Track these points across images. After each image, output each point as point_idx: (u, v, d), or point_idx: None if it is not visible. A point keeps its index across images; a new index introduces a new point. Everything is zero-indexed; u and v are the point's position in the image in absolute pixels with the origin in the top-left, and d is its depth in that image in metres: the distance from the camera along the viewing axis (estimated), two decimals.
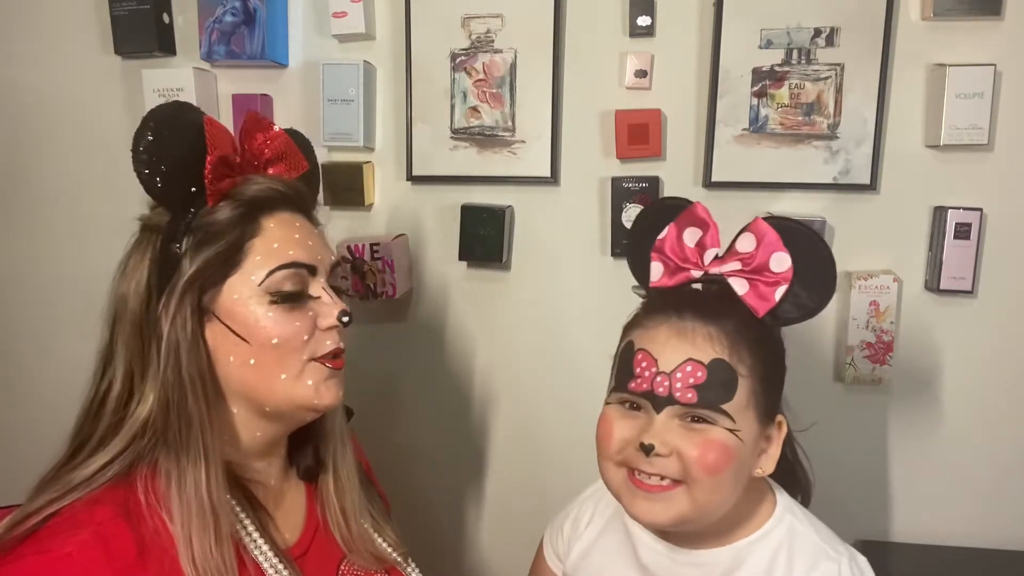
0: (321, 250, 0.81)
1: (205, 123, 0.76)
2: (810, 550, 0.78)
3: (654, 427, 0.74)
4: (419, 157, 1.40)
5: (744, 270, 0.77)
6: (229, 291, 0.75)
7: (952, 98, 1.22)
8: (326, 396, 0.79)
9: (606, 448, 0.78)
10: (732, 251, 0.79)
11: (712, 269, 0.79)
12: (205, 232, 0.75)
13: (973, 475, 1.34)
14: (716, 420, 0.73)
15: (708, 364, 0.73)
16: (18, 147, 1.53)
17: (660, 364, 0.74)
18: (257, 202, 0.77)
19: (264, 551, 0.76)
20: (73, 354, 1.56)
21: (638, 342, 0.77)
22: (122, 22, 1.41)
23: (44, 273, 1.56)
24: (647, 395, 0.75)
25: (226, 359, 0.76)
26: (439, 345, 1.46)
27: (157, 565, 0.69)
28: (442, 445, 1.50)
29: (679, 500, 0.74)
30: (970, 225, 1.26)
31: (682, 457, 0.73)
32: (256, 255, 0.76)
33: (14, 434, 1.60)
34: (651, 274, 0.83)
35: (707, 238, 0.80)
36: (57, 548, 0.65)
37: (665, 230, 0.82)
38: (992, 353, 1.31)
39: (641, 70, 1.32)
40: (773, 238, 0.77)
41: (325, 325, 0.78)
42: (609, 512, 0.92)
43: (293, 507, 0.87)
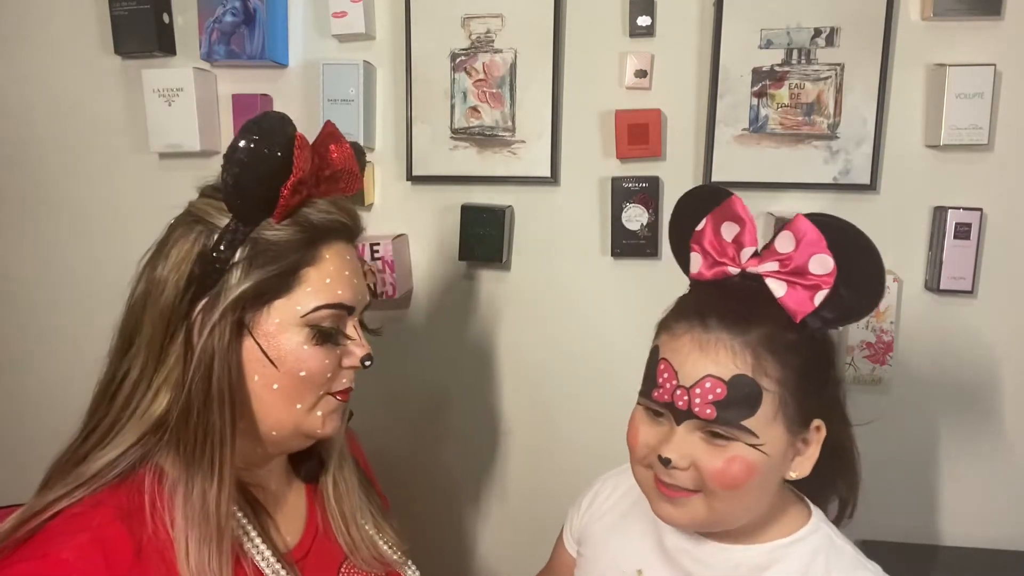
0: (362, 290, 0.81)
1: (296, 140, 0.73)
2: (848, 561, 0.78)
3: (673, 440, 0.73)
4: (419, 157, 1.40)
5: (782, 271, 0.73)
6: (272, 314, 0.74)
7: (952, 98, 1.22)
8: (329, 426, 0.80)
9: (633, 450, 0.78)
10: (770, 250, 0.74)
11: (749, 268, 0.75)
12: (264, 249, 0.73)
13: (972, 475, 1.34)
14: (737, 436, 0.71)
15: (728, 381, 0.70)
16: (18, 147, 1.53)
17: (680, 378, 0.72)
18: (319, 230, 0.76)
19: (265, 555, 0.76)
20: (74, 354, 1.57)
21: (663, 349, 0.75)
22: (122, 22, 1.41)
23: (44, 272, 1.56)
24: (668, 406, 0.74)
25: (251, 377, 0.75)
26: (439, 345, 1.46)
27: (154, 569, 0.68)
28: (442, 445, 1.50)
29: (697, 506, 0.74)
30: (970, 225, 1.26)
31: (700, 471, 0.72)
32: (308, 286, 0.75)
33: (12, 434, 1.60)
34: (691, 264, 0.80)
35: (744, 235, 0.76)
36: (54, 553, 0.65)
37: (703, 222, 0.78)
38: (992, 353, 1.31)
39: (641, 70, 1.32)
40: (814, 238, 0.72)
41: (348, 364, 0.79)
42: (635, 495, 0.89)
43: (294, 510, 0.87)
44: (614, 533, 0.90)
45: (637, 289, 1.39)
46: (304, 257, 0.75)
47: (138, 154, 1.47)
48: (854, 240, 0.72)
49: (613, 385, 1.42)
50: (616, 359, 1.40)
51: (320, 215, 0.77)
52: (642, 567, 0.84)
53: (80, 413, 0.77)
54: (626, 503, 0.92)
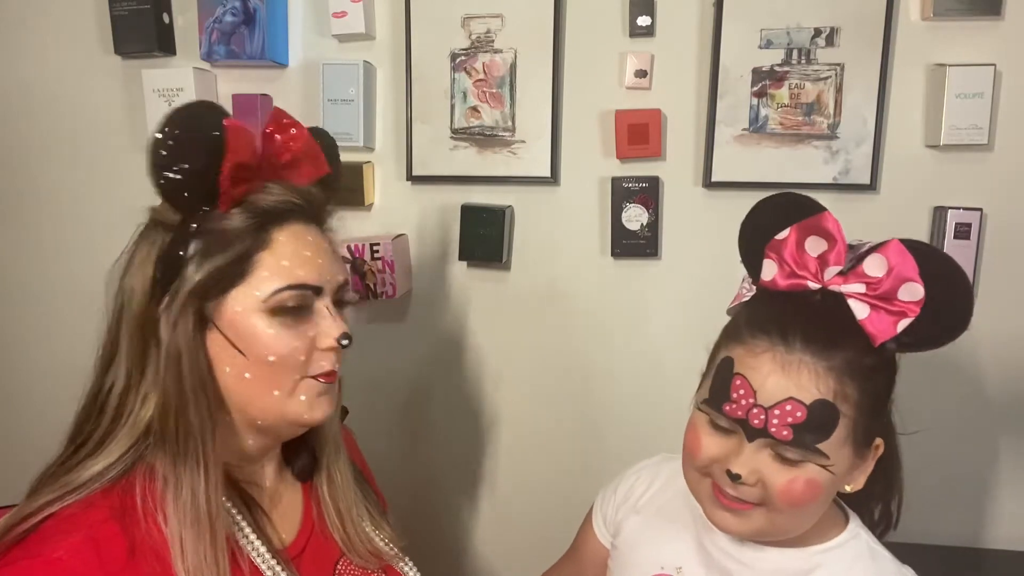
0: (330, 268, 0.79)
1: (226, 126, 0.73)
2: (886, 567, 0.79)
3: (743, 455, 0.72)
4: (419, 157, 1.40)
5: (868, 294, 0.70)
6: (232, 303, 0.74)
7: (952, 98, 1.22)
8: (317, 411, 0.78)
9: (694, 459, 0.76)
10: (858, 271, 0.71)
11: (832, 286, 0.72)
12: (214, 239, 0.73)
13: (972, 475, 1.35)
14: (809, 458, 0.70)
15: (810, 405, 0.69)
16: (18, 147, 1.53)
17: (759, 397, 0.70)
18: (270, 214, 0.76)
19: (261, 552, 0.76)
20: (74, 354, 1.56)
21: (738, 364, 0.72)
22: (122, 22, 1.40)
23: (45, 272, 1.56)
24: (741, 422, 0.72)
25: (223, 369, 0.75)
26: (439, 345, 1.46)
27: (149, 568, 0.68)
28: (441, 445, 1.50)
29: (758, 518, 0.74)
30: (970, 225, 1.26)
31: (767, 488, 0.71)
32: (264, 270, 0.74)
33: (12, 433, 1.60)
34: (763, 271, 0.76)
35: (831, 254, 0.72)
36: (48, 552, 0.65)
37: (786, 231, 0.74)
38: (992, 353, 1.31)
39: (641, 70, 1.32)
40: (909, 266, 0.69)
41: (324, 346, 0.77)
42: (672, 490, 0.89)
43: (289, 507, 0.86)
44: (652, 529, 0.89)
45: (637, 289, 1.39)
46: (256, 242, 0.74)
47: (138, 154, 1.44)
48: (949, 273, 0.70)
49: (613, 385, 1.42)
50: (616, 359, 1.40)
51: (270, 198, 0.76)
52: (682, 565, 0.83)
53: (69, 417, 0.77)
54: (663, 498, 0.90)
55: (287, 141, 0.80)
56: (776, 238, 0.75)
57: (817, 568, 0.77)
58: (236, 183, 0.73)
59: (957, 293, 0.70)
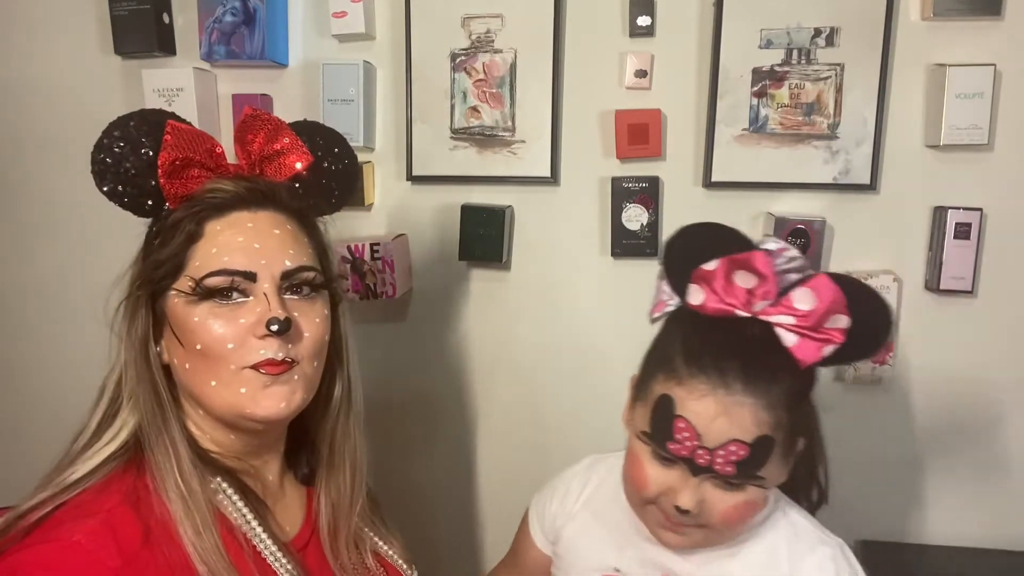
0: (269, 254, 0.76)
1: (167, 126, 0.76)
2: (808, 536, 0.83)
3: (688, 489, 0.75)
4: (419, 157, 1.40)
5: (798, 326, 0.72)
6: (172, 294, 0.76)
7: (952, 98, 1.22)
8: (263, 405, 0.75)
9: (640, 493, 0.79)
10: (785, 303, 0.73)
11: (761, 316, 0.73)
12: (163, 235, 0.77)
13: (972, 475, 1.34)
14: (749, 483, 0.75)
15: (752, 443, 0.72)
16: (18, 147, 1.53)
17: (703, 440, 0.73)
18: (207, 206, 0.76)
19: (264, 540, 0.77)
20: (74, 354, 1.56)
21: (680, 406, 0.74)
22: (122, 22, 1.40)
23: (44, 273, 1.56)
24: (686, 460, 0.75)
25: (171, 361, 0.78)
26: (439, 345, 1.46)
27: (164, 548, 0.70)
28: (441, 445, 1.50)
29: (699, 535, 0.79)
30: (970, 225, 1.26)
31: (708, 513, 0.76)
32: (196, 260, 0.75)
33: (16, 435, 1.60)
34: (690, 295, 0.77)
35: (760, 290, 0.73)
36: (66, 536, 0.66)
37: (715, 263, 0.75)
38: (992, 353, 1.31)
39: (641, 70, 1.32)
40: (836, 300, 0.71)
41: (256, 333, 0.74)
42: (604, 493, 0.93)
43: (293, 505, 0.87)
44: (588, 534, 0.92)
45: (637, 289, 1.38)
46: (192, 234, 0.76)
47: None
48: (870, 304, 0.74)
49: (612, 385, 1.42)
50: (616, 359, 1.40)
51: (208, 191, 0.77)
52: (620, 566, 0.86)
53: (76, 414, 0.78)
54: (598, 501, 0.93)
55: (256, 137, 0.81)
56: (703, 267, 0.75)
57: (744, 545, 0.83)
58: (171, 179, 0.76)
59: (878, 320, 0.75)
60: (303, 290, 0.78)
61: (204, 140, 0.79)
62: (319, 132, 0.91)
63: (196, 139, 0.78)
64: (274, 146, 0.82)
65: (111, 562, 0.66)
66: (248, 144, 0.81)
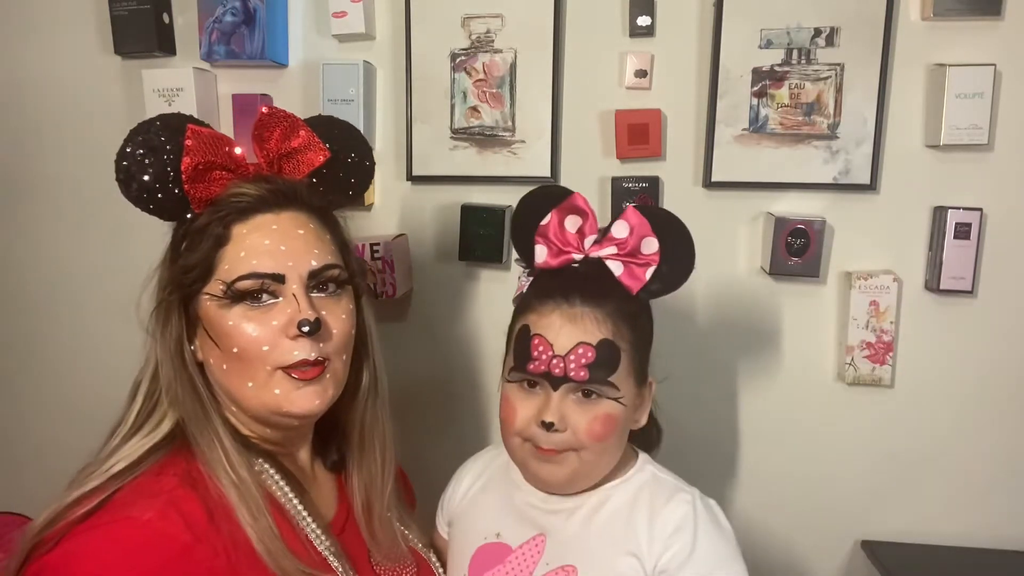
0: (295, 255, 0.78)
1: (188, 130, 0.77)
2: (667, 488, 0.90)
3: (552, 405, 0.84)
4: (419, 157, 1.40)
5: (619, 254, 0.86)
6: (204, 297, 0.77)
7: (952, 98, 1.22)
8: (299, 404, 0.78)
9: (511, 426, 0.87)
10: (608, 237, 0.87)
11: (592, 253, 0.87)
12: (191, 240, 0.78)
13: (973, 475, 1.34)
14: (604, 392, 0.84)
15: (596, 345, 0.83)
16: (18, 147, 1.53)
17: (556, 348, 0.83)
18: (233, 210, 0.78)
19: (309, 522, 0.80)
20: (73, 354, 1.56)
21: (534, 327, 0.86)
22: (122, 22, 1.40)
23: (44, 273, 1.56)
24: (545, 375, 0.84)
25: (208, 362, 0.80)
26: (439, 345, 1.46)
27: (226, 528, 0.72)
28: (441, 445, 1.50)
29: (572, 461, 0.86)
30: (970, 225, 1.26)
31: (576, 431, 0.84)
32: (225, 264, 0.77)
33: (17, 433, 1.60)
34: (535, 255, 0.90)
35: (586, 226, 0.88)
36: (136, 515, 0.68)
37: (548, 216, 0.89)
38: (992, 353, 1.31)
39: (641, 70, 1.32)
40: (643, 224, 0.86)
41: (288, 333, 0.76)
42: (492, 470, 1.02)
43: (327, 491, 0.90)
44: (475, 506, 0.99)
45: None
46: (219, 238, 0.77)
47: None
48: (673, 226, 0.88)
49: None
50: None
51: (231, 195, 0.79)
52: (500, 529, 0.93)
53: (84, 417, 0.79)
54: (484, 479, 1.02)
55: (274, 136, 0.82)
56: (542, 224, 0.89)
57: (608, 500, 0.90)
58: (195, 183, 0.77)
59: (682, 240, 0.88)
60: (329, 287, 0.81)
61: (223, 142, 0.80)
62: (335, 126, 0.92)
63: (216, 142, 0.79)
64: (291, 143, 0.83)
65: (183, 537, 0.68)
66: (265, 142, 0.82)
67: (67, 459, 0.77)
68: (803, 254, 1.27)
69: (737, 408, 1.38)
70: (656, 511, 0.87)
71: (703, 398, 1.38)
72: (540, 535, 0.90)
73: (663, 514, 0.86)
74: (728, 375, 1.38)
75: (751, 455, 1.40)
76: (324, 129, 0.88)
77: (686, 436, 1.36)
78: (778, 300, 1.35)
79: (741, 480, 1.40)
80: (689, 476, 0.94)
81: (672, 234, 0.87)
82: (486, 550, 0.92)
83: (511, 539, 0.91)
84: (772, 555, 1.40)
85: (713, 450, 1.40)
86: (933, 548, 1.34)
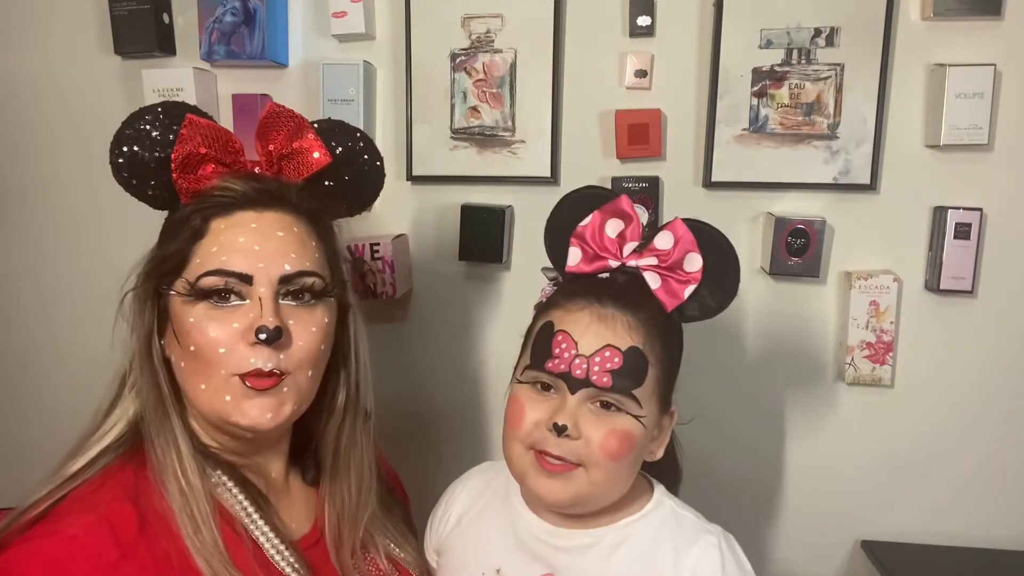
0: (269, 256, 0.74)
1: (185, 120, 0.75)
2: (690, 527, 0.83)
3: (567, 408, 0.76)
4: (419, 157, 1.40)
5: (659, 266, 0.81)
6: (173, 292, 0.75)
7: (952, 98, 1.22)
8: (249, 415, 0.73)
9: (516, 429, 0.79)
10: (650, 247, 0.82)
11: (629, 262, 0.82)
12: (172, 229, 0.77)
13: (973, 475, 1.34)
14: (625, 406, 0.77)
15: (625, 351, 0.76)
16: (18, 147, 1.53)
17: (580, 347, 0.77)
18: (212, 203, 0.75)
19: (267, 534, 0.77)
20: (71, 355, 1.56)
21: (559, 323, 0.79)
22: (122, 22, 1.40)
23: (43, 273, 1.56)
24: (564, 376, 0.77)
25: (170, 356, 0.77)
26: (439, 345, 1.46)
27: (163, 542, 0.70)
28: (441, 445, 1.50)
29: (579, 479, 0.77)
30: (970, 225, 1.26)
31: (588, 443, 0.76)
32: (197, 258, 0.74)
33: (20, 434, 1.60)
34: (568, 258, 0.84)
35: (628, 231, 0.82)
36: (64, 530, 0.67)
37: (589, 217, 0.83)
38: (992, 353, 1.31)
39: (641, 70, 1.32)
40: (689, 239, 0.80)
41: (249, 340, 0.72)
42: (489, 493, 0.92)
43: (300, 503, 0.86)
44: (471, 535, 0.91)
45: None
46: (196, 231, 0.75)
47: None
48: (721, 246, 0.82)
49: None
50: None
51: (216, 188, 0.76)
52: (501, 565, 0.84)
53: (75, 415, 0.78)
54: (481, 503, 0.93)
55: (274, 134, 0.80)
56: (581, 224, 0.83)
57: (627, 539, 0.82)
58: (184, 173, 0.75)
59: (729, 263, 0.83)
60: (304, 296, 0.76)
61: (221, 135, 0.77)
62: (345, 132, 0.88)
63: (213, 134, 0.76)
64: (294, 144, 0.80)
65: (108, 555, 0.66)
66: (269, 141, 0.80)
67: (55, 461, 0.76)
68: (803, 254, 1.27)
69: (737, 408, 1.38)
70: (682, 554, 0.80)
71: (702, 398, 1.38)
72: (548, 575, 0.82)
73: (690, 559, 0.79)
74: (728, 375, 1.38)
75: (751, 455, 1.40)
76: (332, 135, 0.85)
77: (684, 435, 1.37)
78: (778, 300, 1.35)
79: (741, 480, 1.40)
80: (689, 475, 0.93)
81: (719, 254, 0.82)
82: None
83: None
84: (772, 554, 1.40)
85: (712, 450, 1.40)
86: (933, 548, 1.34)
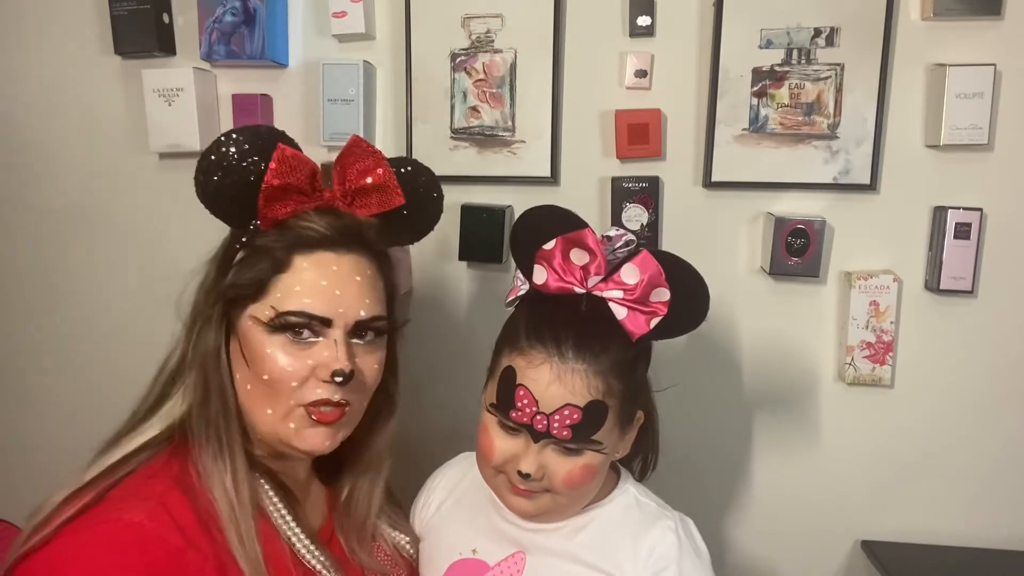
0: (348, 301, 0.79)
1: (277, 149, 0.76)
2: (651, 512, 0.90)
3: (530, 455, 0.82)
4: (419, 157, 1.38)
5: (626, 299, 0.81)
6: (248, 315, 0.78)
7: (952, 98, 1.22)
8: (309, 441, 0.79)
9: (488, 459, 0.86)
10: (615, 278, 0.82)
11: (595, 292, 0.82)
12: (251, 253, 0.79)
13: (973, 475, 1.34)
14: (586, 447, 0.82)
15: (584, 407, 0.79)
16: (18, 147, 1.53)
17: (540, 405, 0.80)
18: (300, 238, 0.78)
19: (297, 533, 0.80)
20: (72, 356, 1.56)
21: (520, 375, 0.81)
22: (122, 22, 1.40)
23: (43, 273, 1.55)
24: (526, 427, 0.81)
25: (236, 375, 0.80)
26: (439, 345, 1.46)
27: (213, 536, 0.72)
28: (441, 446, 1.49)
29: (545, 500, 0.85)
30: (970, 225, 1.26)
31: (553, 475, 0.82)
32: (278, 291, 0.77)
33: (25, 440, 1.60)
34: (535, 275, 0.86)
35: (592, 266, 0.82)
36: (127, 516, 0.68)
37: (552, 243, 0.83)
38: (992, 353, 1.31)
39: (641, 70, 1.32)
40: (657, 273, 0.81)
41: (320, 376, 0.77)
42: (468, 481, 0.99)
43: (318, 498, 0.91)
44: (450, 519, 0.97)
45: None
46: (279, 263, 0.78)
47: (138, 154, 1.47)
48: (688, 280, 0.83)
49: None
50: None
51: (300, 224, 0.79)
52: (476, 546, 0.91)
53: (81, 420, 0.79)
54: (460, 490, 1.00)
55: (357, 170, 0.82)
56: (544, 247, 0.84)
57: (592, 522, 0.89)
58: (269, 204, 0.77)
59: (697, 295, 0.84)
60: (367, 335, 0.82)
61: (305, 165, 0.79)
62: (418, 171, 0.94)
63: (299, 165, 0.78)
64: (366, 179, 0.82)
65: (173, 540, 0.68)
66: (347, 172, 0.82)
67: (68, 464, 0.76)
68: (803, 254, 1.27)
69: (736, 408, 1.38)
70: (640, 536, 0.86)
71: (702, 398, 1.38)
72: (519, 552, 0.89)
73: (647, 540, 0.86)
74: (728, 375, 1.38)
75: (750, 455, 1.40)
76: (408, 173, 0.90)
77: (685, 435, 1.37)
78: (778, 300, 1.35)
79: (741, 480, 1.40)
80: (689, 475, 0.94)
81: (686, 286, 0.83)
82: (461, 566, 0.91)
83: (488, 555, 0.90)
84: (772, 554, 1.40)
85: (712, 450, 1.40)
86: (933, 548, 1.34)
